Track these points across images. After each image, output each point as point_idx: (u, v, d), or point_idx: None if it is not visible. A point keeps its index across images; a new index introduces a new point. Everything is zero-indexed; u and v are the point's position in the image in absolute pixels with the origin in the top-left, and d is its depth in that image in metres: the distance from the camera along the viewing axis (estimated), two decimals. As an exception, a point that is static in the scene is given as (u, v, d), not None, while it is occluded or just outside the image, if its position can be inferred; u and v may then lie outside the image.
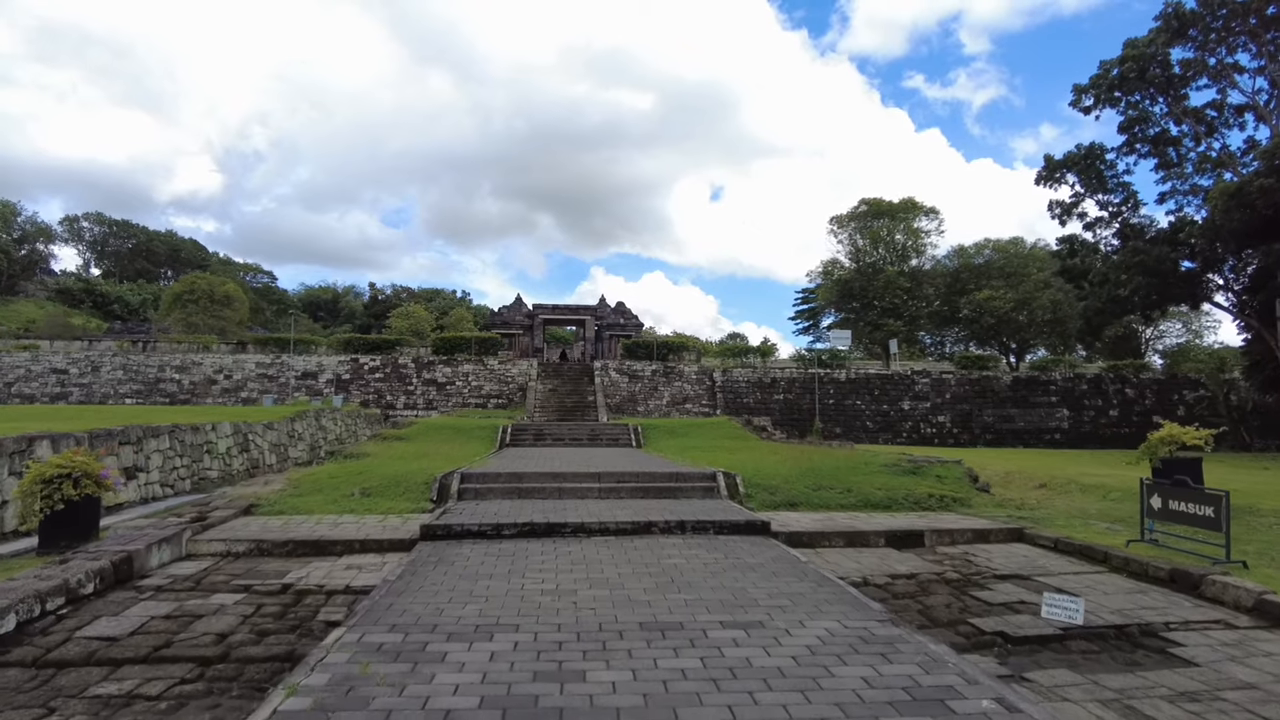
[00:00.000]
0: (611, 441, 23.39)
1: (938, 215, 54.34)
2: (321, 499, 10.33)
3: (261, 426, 17.81)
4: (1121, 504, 11.67)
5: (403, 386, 34.60)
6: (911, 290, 50.71)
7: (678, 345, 40.52)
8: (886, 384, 40.75)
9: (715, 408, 38.30)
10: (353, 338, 36.98)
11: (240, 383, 33.57)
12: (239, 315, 45.20)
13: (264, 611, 5.98)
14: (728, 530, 8.65)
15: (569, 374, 37.91)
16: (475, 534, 8.23)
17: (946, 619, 6.13)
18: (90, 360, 32.94)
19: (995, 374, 42.87)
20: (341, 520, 9.19)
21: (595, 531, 8.40)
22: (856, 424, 39.43)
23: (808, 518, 9.82)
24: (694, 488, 11.01)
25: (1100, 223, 30.24)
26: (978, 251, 56.68)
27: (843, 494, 11.02)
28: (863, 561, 8.08)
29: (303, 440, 20.92)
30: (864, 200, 54.19)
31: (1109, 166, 28.60)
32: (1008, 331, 51.23)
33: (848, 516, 10.03)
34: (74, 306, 78.98)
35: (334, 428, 24.25)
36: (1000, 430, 41.40)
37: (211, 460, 14.75)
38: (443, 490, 10.55)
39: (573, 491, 10.73)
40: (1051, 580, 7.42)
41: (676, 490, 10.93)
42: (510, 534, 8.28)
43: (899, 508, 10.72)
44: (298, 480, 11.58)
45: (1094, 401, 42.60)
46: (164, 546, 7.41)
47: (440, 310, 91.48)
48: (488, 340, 37.78)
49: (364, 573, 7.21)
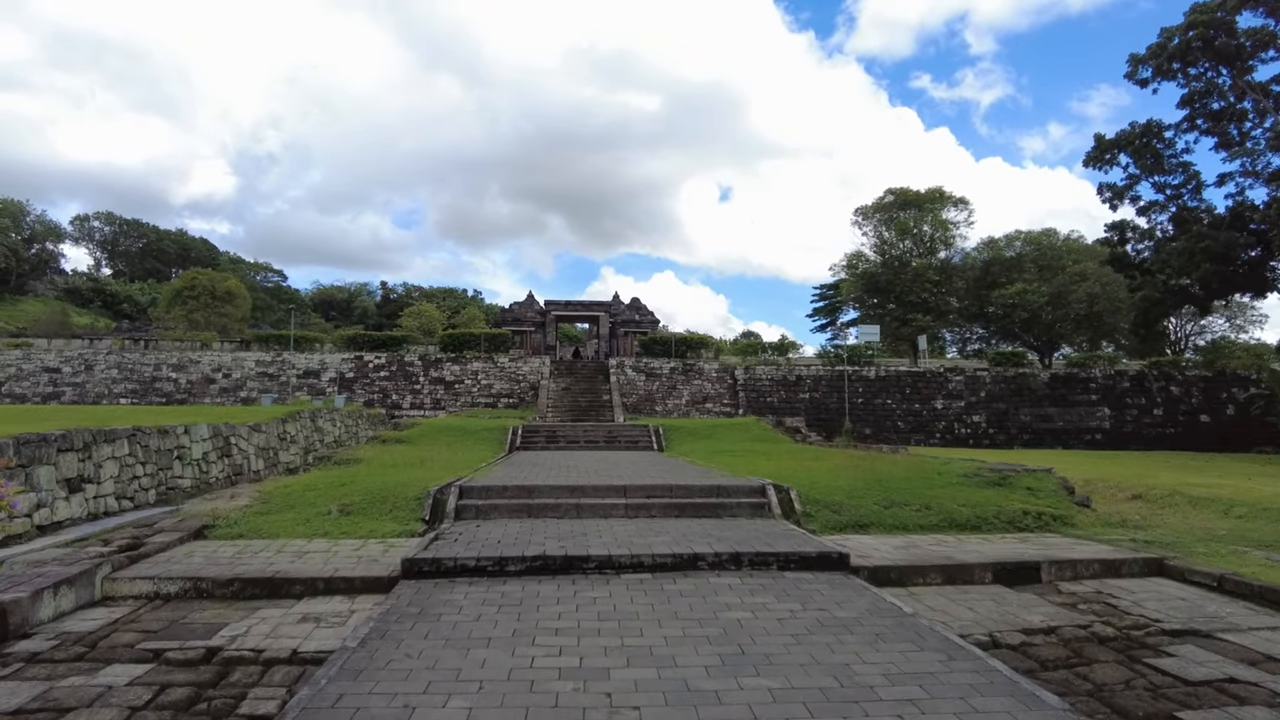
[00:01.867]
0: (630, 444, 21.57)
1: (967, 206, 51.97)
2: (292, 518, 8.58)
3: (246, 429, 16.11)
4: (1256, 523, 9.66)
5: (409, 385, 32.94)
6: (940, 284, 48.41)
7: (697, 342, 38.60)
8: (918, 382, 38.59)
9: (737, 407, 36.36)
10: (357, 334, 35.36)
11: (239, 381, 32.06)
12: (241, 312, 43.77)
13: (166, 700, 4.18)
14: (795, 564, 6.78)
15: (583, 372, 36.12)
16: (471, 570, 6.42)
17: (1144, 714, 4.22)
18: (84, 359, 31.56)
19: (1032, 371, 40.59)
20: (310, 547, 7.42)
21: (626, 566, 6.56)
22: (887, 424, 37.32)
23: (886, 544, 7.93)
24: (740, 504, 9.14)
25: (1154, 207, 27.95)
26: (1008, 244, 54.31)
27: (920, 512, 9.11)
28: (977, 609, 6.18)
29: (295, 443, 19.25)
30: (890, 190, 51.91)
31: (1167, 145, 26.33)
32: (1041, 327, 48.88)
33: (933, 541, 8.13)
34: (83, 306, 78.33)
35: (332, 429, 22.59)
36: (1038, 430, 39.13)
37: (183, 467, 13.05)
38: (437, 508, 8.76)
39: (594, 509, 8.90)
40: (1244, 639, 5.49)
41: (719, 507, 9.06)
42: (516, 570, 6.46)
43: (991, 529, 8.80)
44: (269, 493, 9.84)
45: (1136, 400, 40.18)
46: (63, 590, 5.65)
47: (452, 309, 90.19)
48: (498, 337, 36.06)
49: (322, 627, 5.41)
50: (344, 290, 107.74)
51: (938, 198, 51.73)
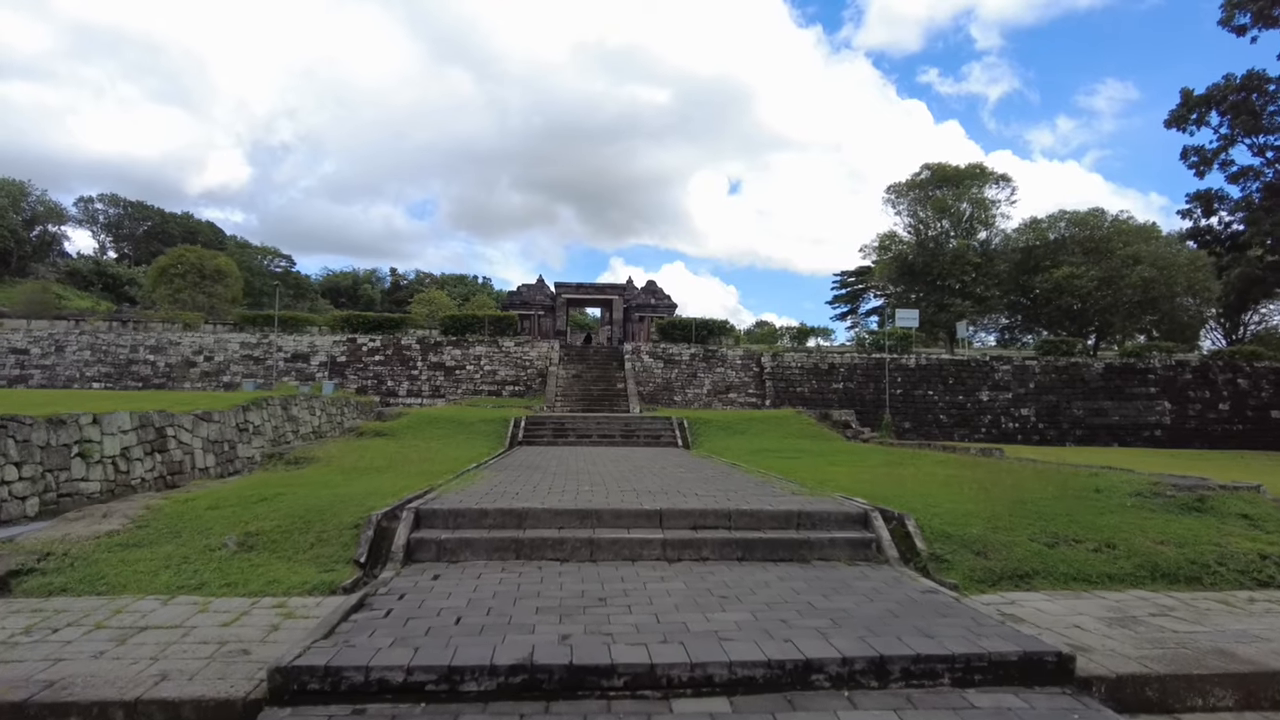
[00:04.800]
0: (651, 439, 18.63)
1: (1009, 183, 48.18)
2: (166, 554, 5.73)
3: (191, 418, 13.34)
4: None
5: (406, 371, 30.16)
6: (981, 266, 44.82)
7: (719, 326, 35.49)
8: (962, 371, 35.31)
9: (763, 398, 33.30)
10: (351, 315, 32.55)
11: (222, 365, 29.43)
12: (231, 293, 41.07)
13: None
14: (983, 674, 3.81)
15: (595, 358, 33.17)
16: (395, 693, 3.49)
17: None
18: (55, 339, 29.02)
19: (1084, 361, 37.17)
20: (159, 615, 4.56)
21: (681, 685, 3.60)
22: (928, 417, 34.13)
23: (1085, 614, 4.92)
24: (833, 541, 6.15)
25: (1248, 174, 24.44)
26: (1051, 225, 50.60)
27: (1102, 555, 6.10)
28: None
29: (261, 435, 16.48)
30: (926, 165, 48.16)
31: (1269, 99, 22.80)
32: (1090, 314, 45.29)
33: (1150, 607, 5.10)
34: (85, 289, 76.32)
35: (310, 419, 19.84)
36: (1092, 425, 35.77)
37: (88, 467, 10.27)
38: (379, 543, 5.84)
39: (615, 548, 5.96)
40: None
41: (803, 545, 6.07)
42: (477, 695, 3.51)
43: (1223, 581, 5.79)
44: (157, 511, 6.99)
45: (1200, 393, 36.69)
46: None
47: (462, 297, 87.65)
48: (503, 319, 33.17)
49: None
50: (351, 276, 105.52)
51: (977, 174, 48.03)
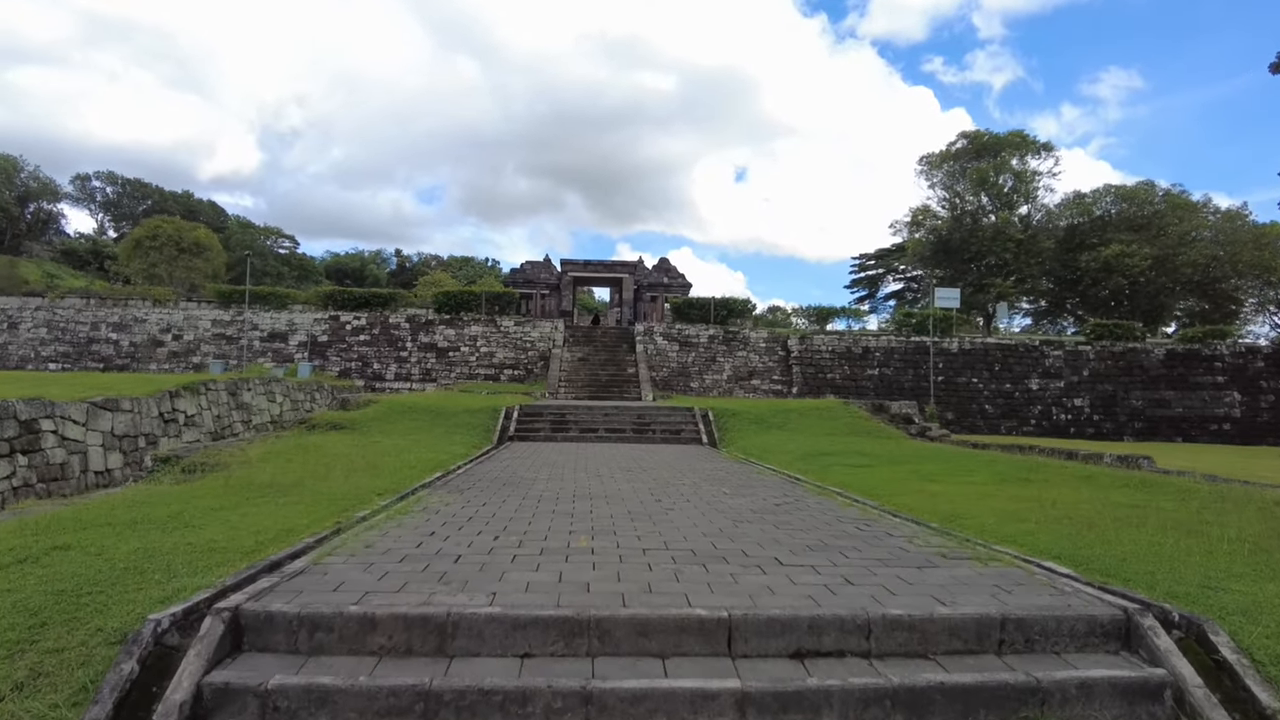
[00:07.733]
0: (670, 435, 15.60)
1: (1053, 152, 44.35)
2: None
3: (82, 408, 10.43)
4: None
5: (394, 352, 27.24)
6: (1024, 244, 41.21)
7: (739, 306, 32.30)
8: (1009, 357, 31.99)
9: (790, 384, 30.17)
10: (335, 290, 29.56)
11: (192, 344, 26.63)
12: (213, 267, 38.19)
13: None
14: None
15: (603, 340, 30.11)
16: None
17: None
18: (7, 316, 26.31)
19: (1143, 347, 33.71)
20: None
21: None
22: (972, 407, 30.89)
23: None
24: (1083, 689, 3.08)
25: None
26: (1096, 200, 46.79)
27: None
28: None
29: (197, 427, 13.57)
30: (963, 133, 44.41)
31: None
32: (1143, 295, 41.64)
33: None
34: (80, 269, 74.02)
35: (268, 407, 16.93)
36: (1152, 418, 32.39)
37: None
38: (130, 708, 2.81)
39: (637, 701, 2.92)
40: None
41: (1026, 701, 3.01)
42: None
43: None
44: None
45: (1273, 383, 33.21)
46: None
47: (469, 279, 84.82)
48: (503, 296, 30.12)
49: None
50: (358, 258, 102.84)
51: (1018, 142, 44.21)
